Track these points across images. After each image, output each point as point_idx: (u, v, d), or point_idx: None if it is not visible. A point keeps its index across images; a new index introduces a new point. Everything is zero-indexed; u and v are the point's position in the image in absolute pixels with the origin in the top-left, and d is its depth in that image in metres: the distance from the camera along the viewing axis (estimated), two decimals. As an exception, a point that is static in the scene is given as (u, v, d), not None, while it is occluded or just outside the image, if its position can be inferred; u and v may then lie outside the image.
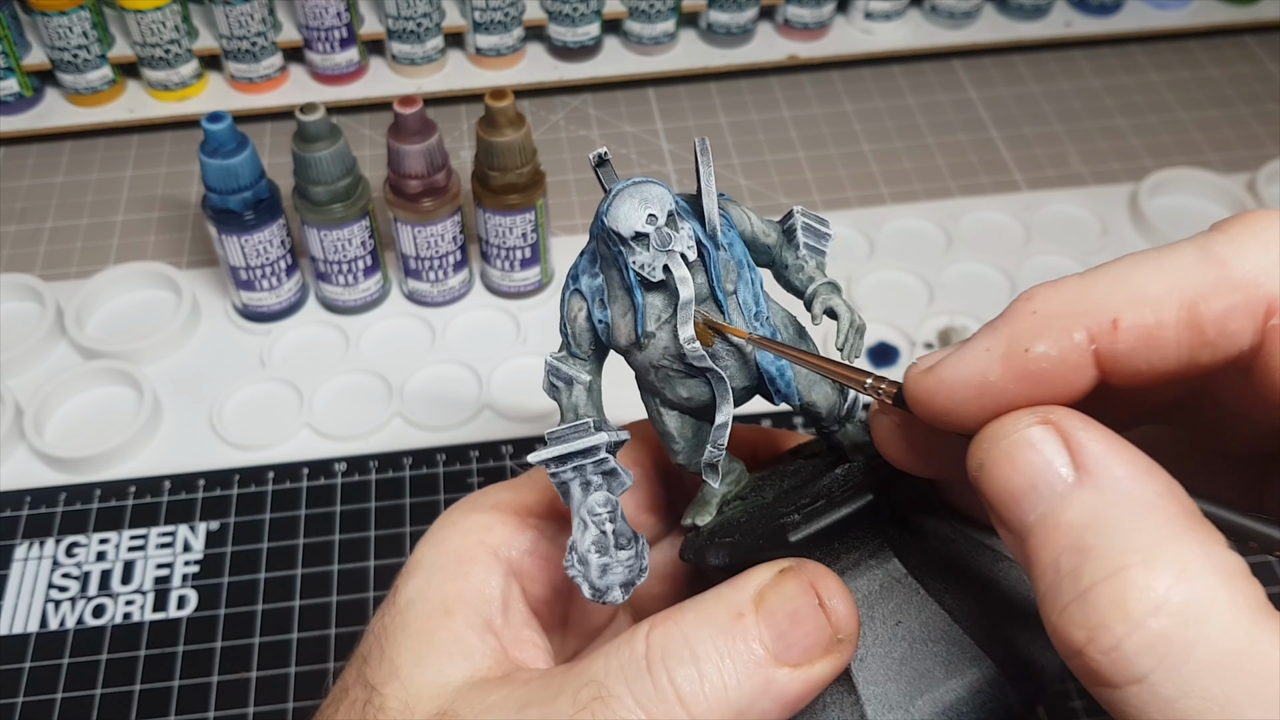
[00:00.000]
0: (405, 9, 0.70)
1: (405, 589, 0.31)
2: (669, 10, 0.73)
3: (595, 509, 0.28)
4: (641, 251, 0.27)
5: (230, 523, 0.52)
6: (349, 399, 0.57)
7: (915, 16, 0.79)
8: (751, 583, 0.26)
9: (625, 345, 0.28)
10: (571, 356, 0.29)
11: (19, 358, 0.58)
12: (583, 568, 0.28)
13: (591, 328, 0.28)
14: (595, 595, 0.28)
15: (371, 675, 0.29)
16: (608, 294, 0.28)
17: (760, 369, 0.28)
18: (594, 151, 0.28)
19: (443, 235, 0.58)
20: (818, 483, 0.29)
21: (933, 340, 0.60)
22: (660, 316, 0.27)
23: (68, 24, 0.67)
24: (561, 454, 0.28)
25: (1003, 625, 0.28)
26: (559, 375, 0.29)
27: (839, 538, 0.28)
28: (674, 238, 0.27)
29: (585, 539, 0.28)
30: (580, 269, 0.28)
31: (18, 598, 0.50)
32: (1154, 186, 0.68)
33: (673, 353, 0.28)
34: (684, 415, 0.29)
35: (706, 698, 0.25)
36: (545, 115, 0.75)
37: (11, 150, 0.72)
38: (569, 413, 0.29)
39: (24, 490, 0.53)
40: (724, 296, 0.28)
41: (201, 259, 0.65)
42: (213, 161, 0.54)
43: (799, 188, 0.70)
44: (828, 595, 0.26)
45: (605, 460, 0.28)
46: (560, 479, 0.28)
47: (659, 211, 0.27)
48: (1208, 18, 0.80)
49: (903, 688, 0.27)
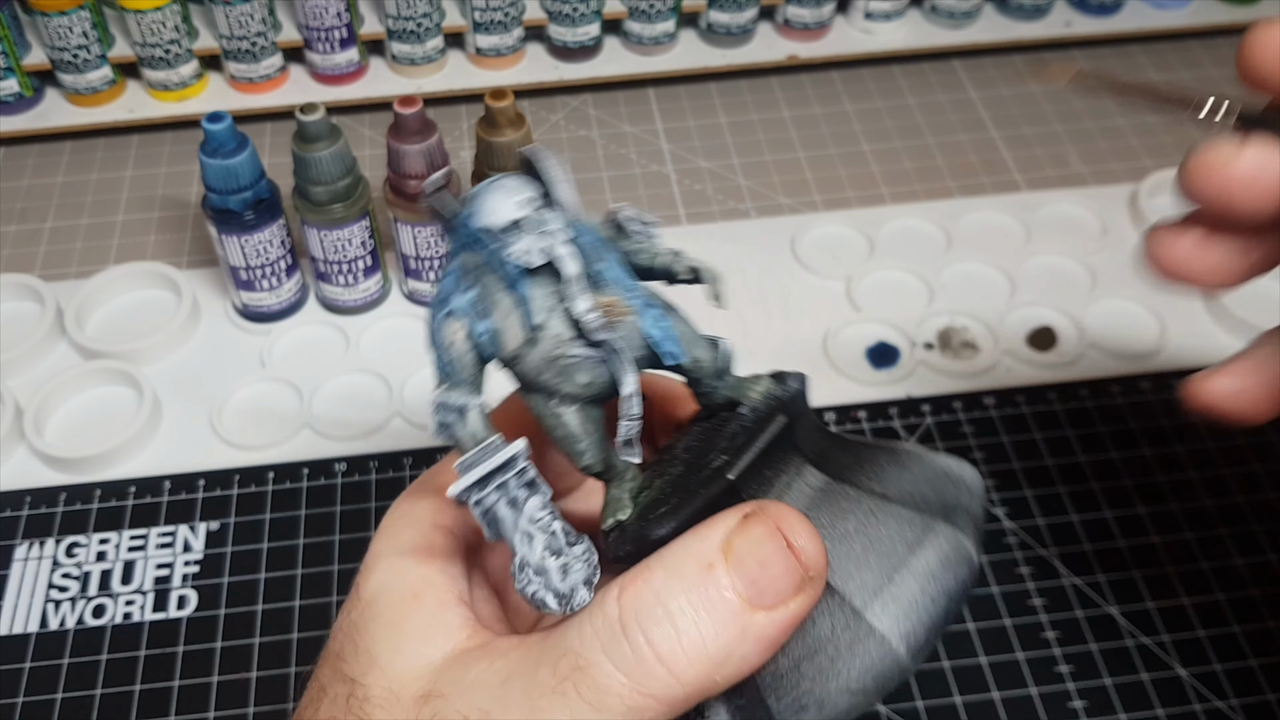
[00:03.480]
0: (405, 9, 0.70)
1: (367, 584, 0.31)
2: (669, 10, 0.73)
3: (535, 515, 0.27)
4: (517, 239, 0.27)
5: (230, 523, 0.52)
6: (349, 399, 0.57)
7: (915, 16, 0.79)
8: (716, 531, 0.26)
9: (515, 348, 0.27)
10: (455, 386, 0.28)
11: (19, 358, 0.58)
12: (541, 578, 0.27)
13: (472, 346, 0.27)
14: (562, 603, 0.27)
15: (349, 669, 0.29)
16: (484, 303, 0.27)
17: (644, 335, 0.28)
18: (429, 181, 0.28)
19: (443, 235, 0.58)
20: (721, 433, 0.30)
21: (932, 340, 0.60)
22: (547, 305, 0.27)
23: (68, 24, 0.67)
24: (484, 475, 0.27)
25: (927, 494, 0.30)
26: (448, 409, 0.27)
27: (766, 466, 0.29)
28: (547, 218, 0.27)
29: (536, 548, 0.27)
30: (447, 291, 0.28)
31: (18, 598, 0.50)
32: (1154, 187, 0.68)
33: (566, 337, 0.27)
34: (583, 409, 0.29)
35: (686, 653, 0.25)
36: (545, 115, 0.75)
37: (11, 150, 0.72)
38: (469, 441, 0.27)
39: (24, 490, 0.53)
40: (598, 271, 0.28)
41: (201, 259, 0.65)
42: (213, 161, 0.54)
43: (799, 188, 0.70)
44: (794, 536, 0.26)
45: (525, 470, 0.27)
46: (484, 505, 0.27)
47: (528, 195, 0.27)
48: (1208, 18, 0.80)
49: (876, 573, 0.28)
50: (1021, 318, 0.61)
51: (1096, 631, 0.48)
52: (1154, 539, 0.52)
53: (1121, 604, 0.49)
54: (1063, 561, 0.51)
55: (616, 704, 0.25)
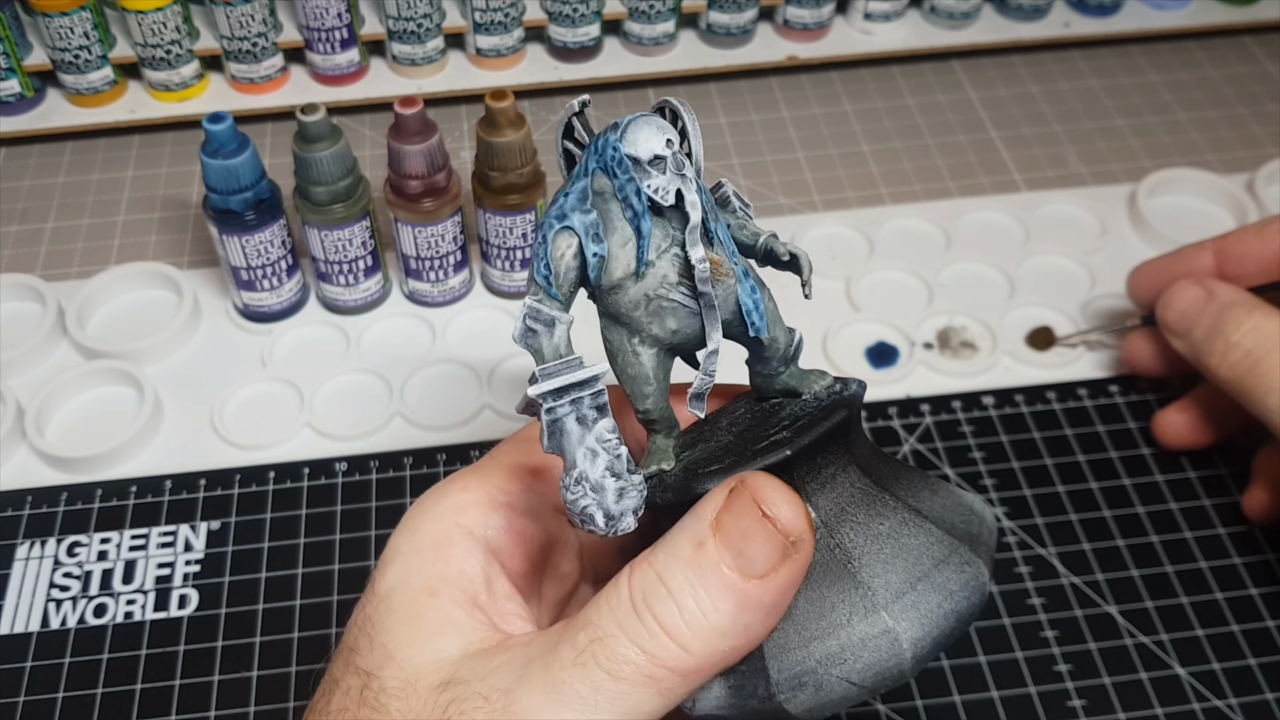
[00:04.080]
0: (406, 10, 0.70)
1: (384, 578, 0.31)
2: (669, 11, 0.74)
3: (604, 435, 0.28)
4: (657, 175, 0.27)
5: (231, 522, 0.52)
6: (349, 399, 0.57)
7: (915, 17, 0.79)
8: (708, 508, 0.28)
9: (619, 278, 0.28)
10: (550, 298, 0.28)
11: (20, 358, 0.58)
12: (596, 495, 0.27)
13: (579, 265, 0.28)
14: (610, 524, 0.28)
15: (363, 662, 0.29)
16: (604, 227, 0.28)
17: (739, 300, 0.29)
18: (578, 99, 0.29)
19: (443, 235, 0.58)
20: (779, 414, 0.31)
21: (932, 340, 0.60)
22: (660, 246, 0.28)
23: (69, 25, 0.67)
24: (564, 385, 0.27)
25: (955, 520, 0.31)
26: (539, 318, 0.28)
27: (819, 453, 0.30)
28: (684, 163, 0.28)
29: (599, 465, 0.27)
30: (568, 207, 0.28)
31: (19, 597, 0.50)
32: (1153, 187, 0.68)
33: (671, 281, 0.28)
34: (660, 354, 0.30)
35: (690, 627, 0.27)
36: (545, 115, 0.75)
37: (12, 151, 0.72)
38: (551, 352, 0.28)
39: (25, 490, 0.53)
40: (715, 227, 0.29)
41: (202, 259, 0.65)
42: (214, 162, 0.54)
43: (799, 188, 0.70)
44: (769, 505, 0.27)
45: (601, 392, 0.28)
46: (555, 415, 0.27)
47: (674, 137, 0.28)
48: (1207, 18, 0.80)
49: (902, 578, 0.29)
50: (1021, 318, 0.61)
51: (1095, 631, 0.49)
52: (1153, 538, 0.52)
53: (1120, 603, 0.49)
54: (1062, 561, 0.51)
55: (634, 673, 0.26)
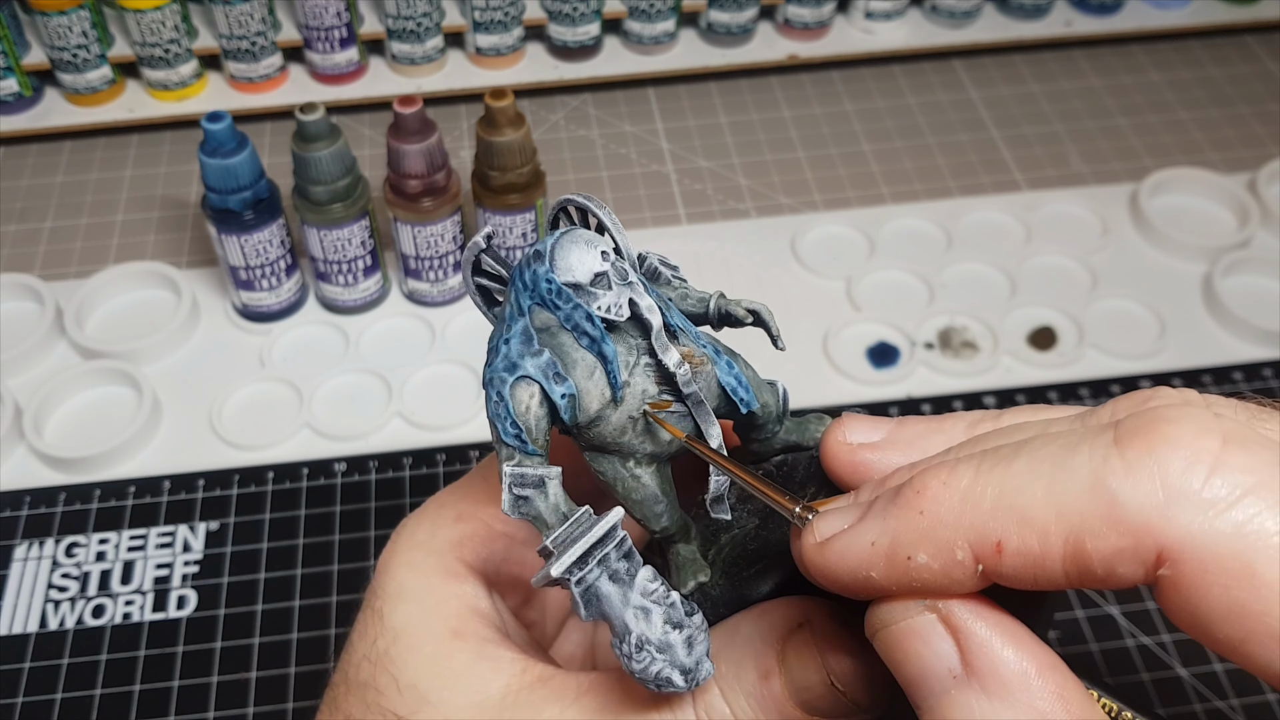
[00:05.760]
0: (405, 8, 0.70)
1: (394, 613, 0.30)
2: (669, 10, 0.73)
3: (648, 588, 0.24)
4: (604, 293, 0.25)
5: (230, 523, 0.52)
6: (349, 399, 0.57)
7: (915, 16, 0.79)
8: (774, 631, 0.26)
9: (597, 410, 0.25)
10: (529, 455, 0.25)
11: (19, 358, 0.58)
12: (665, 655, 0.24)
13: (547, 412, 0.25)
14: (689, 679, 0.24)
15: (392, 704, 0.28)
16: (562, 364, 0.25)
17: (720, 383, 0.27)
18: (482, 233, 0.26)
19: (443, 235, 0.58)
20: (793, 477, 0.29)
21: (933, 340, 0.60)
22: (628, 362, 0.25)
23: (67, 24, 0.66)
24: (586, 550, 0.24)
25: None
26: (526, 482, 0.25)
27: None
28: (624, 269, 0.25)
29: (656, 623, 0.24)
30: (515, 355, 0.25)
31: (17, 598, 0.50)
32: (1154, 186, 0.67)
33: (651, 394, 0.25)
34: (659, 468, 0.27)
35: None
36: (545, 115, 0.75)
37: (11, 150, 0.72)
38: (552, 515, 0.25)
39: (24, 490, 0.53)
40: (672, 320, 0.26)
41: (201, 259, 0.65)
42: (212, 161, 0.54)
43: (799, 188, 0.70)
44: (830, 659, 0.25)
45: (625, 539, 0.25)
46: (586, 583, 0.24)
47: (606, 247, 0.25)
48: (1208, 17, 0.80)
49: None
50: (1021, 317, 0.61)
51: (1096, 631, 0.48)
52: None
53: (1121, 604, 0.49)
54: (1063, 561, 0.51)
55: None
